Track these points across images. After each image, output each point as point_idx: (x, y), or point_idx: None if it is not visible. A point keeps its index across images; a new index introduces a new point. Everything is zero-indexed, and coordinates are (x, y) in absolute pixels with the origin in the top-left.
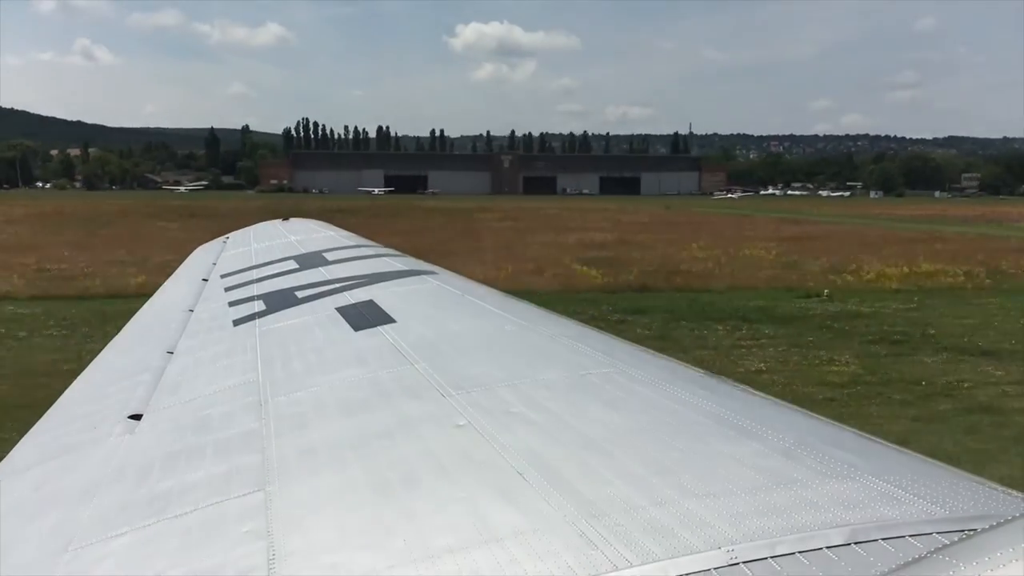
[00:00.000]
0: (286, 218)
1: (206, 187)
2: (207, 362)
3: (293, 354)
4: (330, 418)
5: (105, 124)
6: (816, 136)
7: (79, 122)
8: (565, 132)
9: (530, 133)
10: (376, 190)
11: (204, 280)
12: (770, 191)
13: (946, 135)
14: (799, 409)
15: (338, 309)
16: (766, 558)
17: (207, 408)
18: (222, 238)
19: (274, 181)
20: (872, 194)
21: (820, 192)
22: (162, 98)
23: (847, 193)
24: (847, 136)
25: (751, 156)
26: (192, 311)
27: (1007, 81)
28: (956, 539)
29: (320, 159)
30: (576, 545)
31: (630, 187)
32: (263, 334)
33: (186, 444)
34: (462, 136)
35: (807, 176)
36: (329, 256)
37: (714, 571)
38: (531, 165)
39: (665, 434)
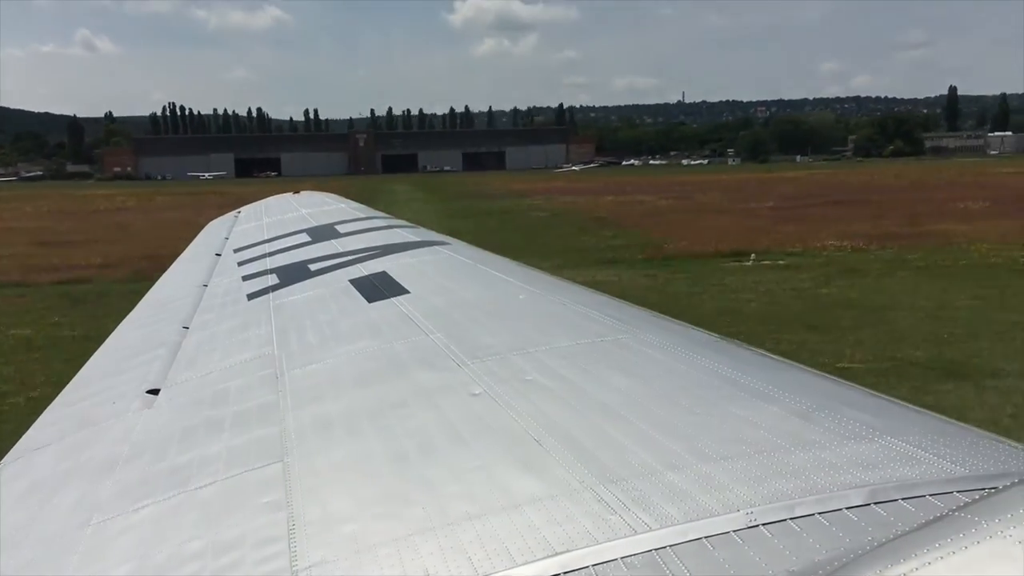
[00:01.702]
0: (297, 191)
1: (40, 177)
2: (222, 336)
3: (308, 326)
4: (346, 389)
5: (76, 114)
6: (805, 100)
7: (46, 113)
8: (566, 105)
9: (408, 111)
10: (205, 175)
11: (217, 255)
12: (632, 161)
13: (938, 94)
14: (815, 371)
15: (351, 281)
16: (785, 520)
17: (224, 382)
18: (234, 212)
19: (117, 168)
20: (730, 161)
21: (683, 161)
22: (150, 86)
23: (706, 161)
24: (836, 99)
25: (729, 119)
26: (206, 286)
27: (1006, 38)
28: (977, 497)
29: (167, 144)
30: (594, 510)
31: (496, 162)
32: (277, 307)
33: (204, 417)
34: (341, 119)
35: (702, 144)
36: (341, 229)
37: (733, 534)
38: (389, 143)
39: (680, 398)
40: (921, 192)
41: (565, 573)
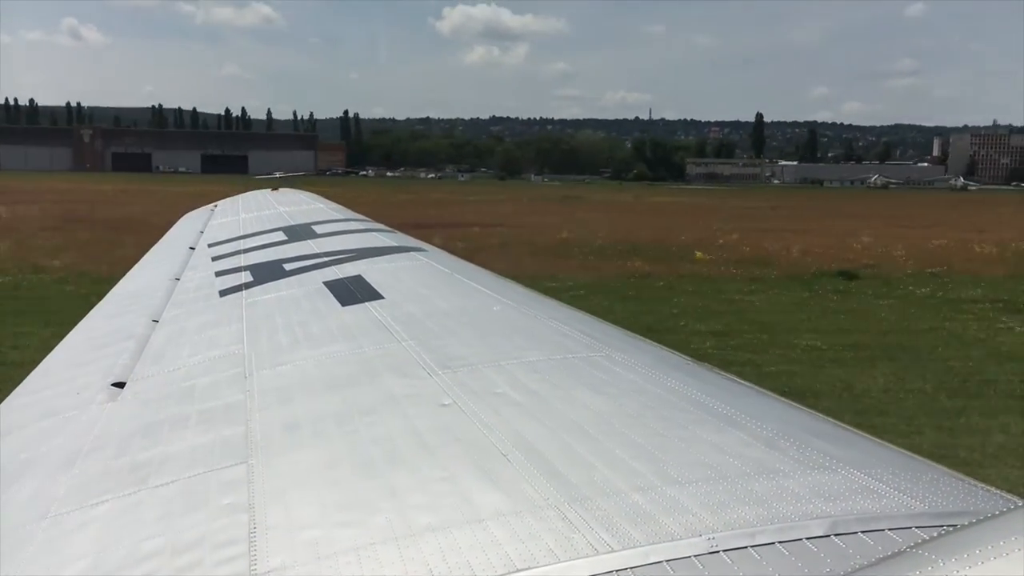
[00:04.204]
0: (275, 188)
1: None
2: (192, 332)
3: (279, 327)
4: (315, 392)
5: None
6: (762, 122)
7: None
8: (559, 118)
9: (180, 108)
10: None
11: (191, 248)
12: (367, 172)
13: (893, 123)
14: (783, 399)
15: (326, 283)
16: (746, 547)
17: (191, 378)
18: (210, 206)
19: None
20: (460, 177)
21: (420, 174)
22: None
23: (438, 176)
24: (792, 123)
25: (686, 138)
26: (178, 279)
27: (953, 76)
28: (935, 534)
29: None
30: (558, 528)
31: (238, 165)
32: (249, 305)
33: (169, 414)
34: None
35: (489, 157)
36: (318, 229)
37: (694, 558)
38: (120, 140)
39: (649, 420)
40: None
41: None
